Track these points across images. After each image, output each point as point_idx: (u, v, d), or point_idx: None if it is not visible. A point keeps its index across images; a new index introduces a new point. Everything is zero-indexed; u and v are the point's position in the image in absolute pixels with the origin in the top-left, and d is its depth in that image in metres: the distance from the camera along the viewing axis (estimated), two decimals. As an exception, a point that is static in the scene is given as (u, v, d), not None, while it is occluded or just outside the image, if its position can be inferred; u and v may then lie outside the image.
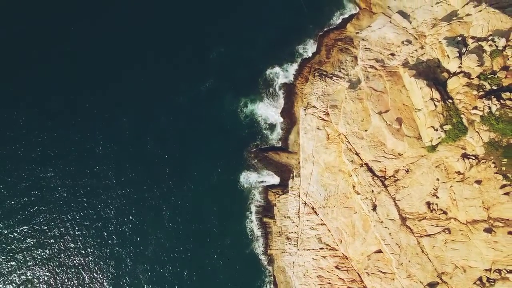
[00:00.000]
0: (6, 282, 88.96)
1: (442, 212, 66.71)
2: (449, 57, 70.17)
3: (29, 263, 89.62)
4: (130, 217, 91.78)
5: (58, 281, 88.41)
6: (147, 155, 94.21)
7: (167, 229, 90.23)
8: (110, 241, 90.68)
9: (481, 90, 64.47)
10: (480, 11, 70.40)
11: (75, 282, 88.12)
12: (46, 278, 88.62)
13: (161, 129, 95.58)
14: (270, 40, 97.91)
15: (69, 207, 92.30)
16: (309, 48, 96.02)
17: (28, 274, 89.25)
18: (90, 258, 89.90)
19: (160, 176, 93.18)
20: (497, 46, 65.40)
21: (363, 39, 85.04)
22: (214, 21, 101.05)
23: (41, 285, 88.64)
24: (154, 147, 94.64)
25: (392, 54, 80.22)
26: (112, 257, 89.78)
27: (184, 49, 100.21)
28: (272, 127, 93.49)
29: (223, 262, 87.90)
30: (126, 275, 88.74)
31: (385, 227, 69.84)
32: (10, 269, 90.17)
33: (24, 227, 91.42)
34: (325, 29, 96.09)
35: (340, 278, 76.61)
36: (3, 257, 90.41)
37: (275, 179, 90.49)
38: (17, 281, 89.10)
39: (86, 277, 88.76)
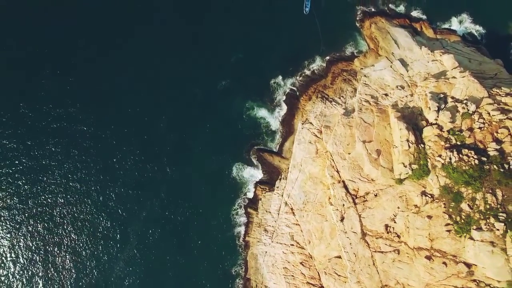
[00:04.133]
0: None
1: (396, 235, 75.43)
2: (430, 109, 78.02)
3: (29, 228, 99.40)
4: (130, 185, 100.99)
5: (52, 238, 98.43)
6: (158, 133, 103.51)
7: (162, 200, 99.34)
8: (109, 203, 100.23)
9: (447, 142, 72.85)
10: (463, 77, 78.57)
11: (70, 236, 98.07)
12: (42, 238, 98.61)
13: (175, 113, 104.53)
14: (285, 55, 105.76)
15: (77, 168, 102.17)
16: (317, 69, 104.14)
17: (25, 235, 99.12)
18: (88, 215, 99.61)
19: (165, 154, 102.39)
20: (468, 110, 73.87)
21: (365, 76, 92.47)
22: (238, 31, 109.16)
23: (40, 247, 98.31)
24: (165, 127, 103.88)
25: (386, 95, 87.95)
26: (108, 216, 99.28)
27: (209, 50, 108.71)
28: (271, 132, 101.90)
29: (205, 239, 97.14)
30: (118, 233, 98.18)
31: (348, 238, 78.87)
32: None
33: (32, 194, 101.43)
34: (335, 57, 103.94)
35: (302, 273, 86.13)
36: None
37: (265, 177, 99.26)
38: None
39: (81, 232, 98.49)
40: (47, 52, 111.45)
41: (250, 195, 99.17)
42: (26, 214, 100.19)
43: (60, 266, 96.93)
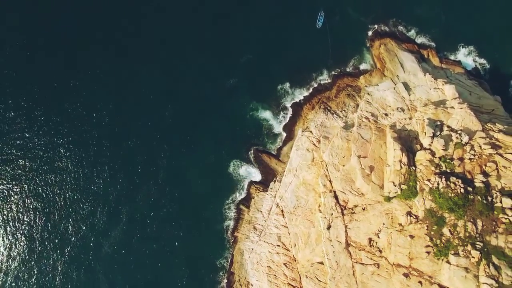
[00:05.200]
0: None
1: (378, 250, 78.37)
2: (425, 134, 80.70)
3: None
4: (130, 167, 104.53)
5: (44, 210, 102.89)
6: (162, 121, 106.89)
7: (158, 186, 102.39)
8: (106, 181, 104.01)
9: (438, 168, 75.50)
10: (461, 108, 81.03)
11: (63, 209, 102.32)
12: (34, 210, 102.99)
13: (181, 103, 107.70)
14: (294, 64, 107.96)
15: (80, 146, 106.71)
16: (323, 81, 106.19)
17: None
18: (85, 190, 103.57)
19: (166, 141, 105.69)
20: (461, 140, 76.42)
21: (368, 93, 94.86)
22: (253, 35, 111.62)
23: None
24: (170, 116, 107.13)
25: (386, 115, 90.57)
26: (104, 194, 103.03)
27: (223, 49, 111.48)
28: (272, 135, 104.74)
29: (194, 228, 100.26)
30: (111, 211, 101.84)
31: (332, 246, 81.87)
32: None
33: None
34: (342, 71, 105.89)
35: (285, 274, 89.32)
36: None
37: (260, 177, 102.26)
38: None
39: (75, 206, 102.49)
40: (66, 38, 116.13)
41: (244, 192, 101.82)
42: (24, 183, 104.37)
43: (48, 240, 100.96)
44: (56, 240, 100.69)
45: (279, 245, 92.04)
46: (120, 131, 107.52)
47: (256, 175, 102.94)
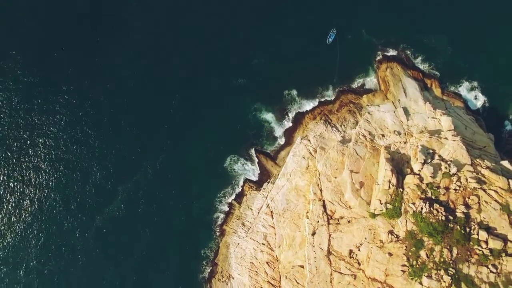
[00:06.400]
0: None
1: (357, 262, 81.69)
2: (417, 160, 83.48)
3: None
4: (131, 148, 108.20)
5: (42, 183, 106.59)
6: (169, 108, 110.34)
7: (156, 170, 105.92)
8: (106, 160, 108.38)
9: (424, 194, 78.46)
10: (454, 141, 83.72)
11: (61, 183, 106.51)
12: (32, 180, 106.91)
13: (188, 94, 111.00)
14: (303, 73, 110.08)
15: (88, 123, 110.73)
16: (327, 95, 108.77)
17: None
18: (85, 165, 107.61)
19: (169, 128, 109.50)
20: (449, 171, 79.27)
21: (368, 113, 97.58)
22: (266, 40, 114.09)
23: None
24: (177, 104, 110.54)
25: (383, 135, 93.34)
26: (104, 170, 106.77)
27: (235, 49, 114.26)
28: (272, 137, 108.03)
29: (185, 217, 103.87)
30: (108, 188, 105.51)
31: (314, 251, 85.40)
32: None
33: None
34: (347, 87, 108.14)
35: (266, 272, 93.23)
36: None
37: (255, 176, 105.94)
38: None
39: (74, 180, 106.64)
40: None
41: (238, 188, 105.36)
42: (24, 156, 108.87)
43: (43, 211, 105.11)
44: (47, 211, 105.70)
45: (264, 244, 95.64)
46: (126, 114, 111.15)
47: (251, 174, 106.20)
